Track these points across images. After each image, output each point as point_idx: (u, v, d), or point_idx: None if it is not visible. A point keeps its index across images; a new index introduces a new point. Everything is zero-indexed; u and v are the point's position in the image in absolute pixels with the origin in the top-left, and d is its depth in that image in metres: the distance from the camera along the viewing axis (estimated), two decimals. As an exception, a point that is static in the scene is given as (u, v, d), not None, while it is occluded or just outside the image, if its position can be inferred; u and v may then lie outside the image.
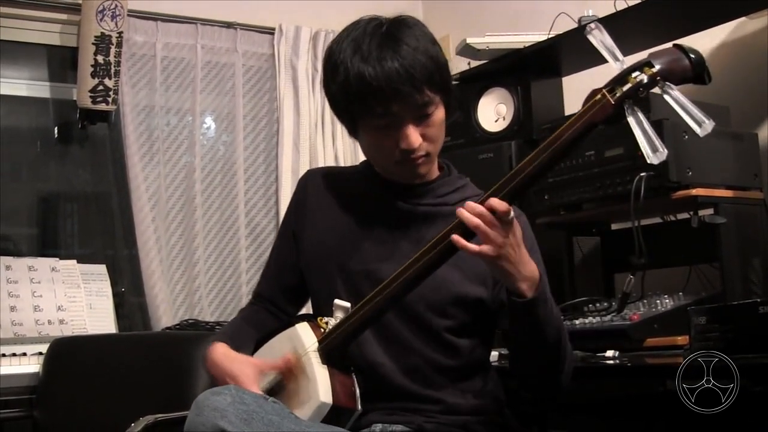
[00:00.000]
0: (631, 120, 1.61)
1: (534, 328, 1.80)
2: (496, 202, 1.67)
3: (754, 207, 2.70)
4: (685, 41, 2.62)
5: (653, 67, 1.59)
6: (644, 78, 1.59)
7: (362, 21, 1.95)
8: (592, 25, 1.69)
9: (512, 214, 1.68)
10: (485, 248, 1.69)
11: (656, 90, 1.62)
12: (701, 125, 1.57)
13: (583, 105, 1.64)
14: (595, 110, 1.62)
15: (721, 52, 3.12)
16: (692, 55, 1.60)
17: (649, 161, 1.60)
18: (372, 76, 1.83)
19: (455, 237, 1.69)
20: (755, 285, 2.63)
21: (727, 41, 3.11)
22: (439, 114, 1.93)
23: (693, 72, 1.60)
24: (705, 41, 3.07)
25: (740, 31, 3.07)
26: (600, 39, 1.68)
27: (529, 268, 1.76)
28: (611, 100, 1.60)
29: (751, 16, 2.96)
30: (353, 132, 2.01)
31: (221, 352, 1.96)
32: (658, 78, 1.59)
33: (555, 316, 1.84)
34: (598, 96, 1.62)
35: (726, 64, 3.10)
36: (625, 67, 1.62)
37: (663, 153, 1.59)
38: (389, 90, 1.83)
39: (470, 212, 1.68)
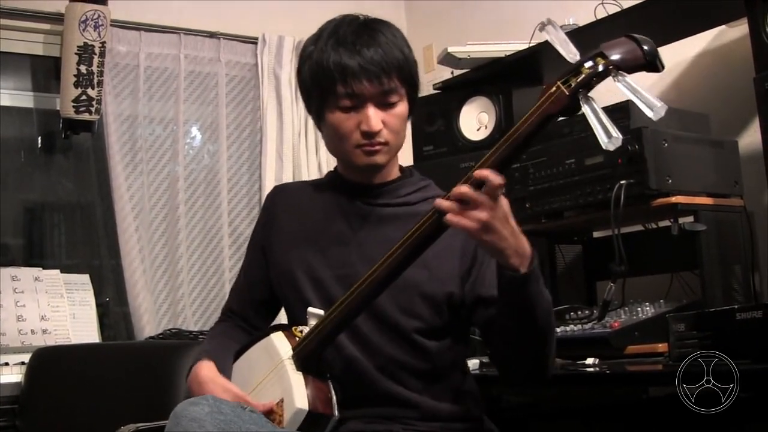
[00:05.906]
0: (586, 109, 1.62)
1: (525, 307, 1.75)
2: (478, 173, 1.63)
3: (735, 214, 2.71)
4: (665, 50, 2.64)
5: (606, 57, 1.61)
6: (598, 68, 1.61)
7: (339, 16, 2.03)
8: (545, 21, 1.72)
9: (499, 180, 1.62)
10: (470, 224, 1.64)
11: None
12: (653, 109, 1.58)
13: (539, 98, 1.66)
14: (550, 102, 1.64)
15: (701, 61, 3.14)
16: (644, 45, 1.62)
17: (604, 148, 1.61)
18: (346, 56, 1.91)
19: (444, 204, 1.65)
20: (737, 292, 2.64)
21: (707, 49, 3.13)
22: (402, 107, 1.98)
23: (645, 60, 1.62)
24: (685, 49, 3.10)
25: (720, 40, 3.09)
26: (553, 34, 1.69)
27: (521, 242, 1.71)
28: (566, 91, 1.62)
29: (731, 25, 2.98)
30: (319, 120, 2.04)
31: (207, 375, 1.96)
32: (611, 67, 1.61)
33: (545, 297, 1.79)
34: (553, 88, 1.64)
35: (706, 73, 3.12)
36: (578, 59, 1.64)
37: (618, 139, 1.60)
38: (358, 69, 1.89)
39: (454, 191, 1.65)
